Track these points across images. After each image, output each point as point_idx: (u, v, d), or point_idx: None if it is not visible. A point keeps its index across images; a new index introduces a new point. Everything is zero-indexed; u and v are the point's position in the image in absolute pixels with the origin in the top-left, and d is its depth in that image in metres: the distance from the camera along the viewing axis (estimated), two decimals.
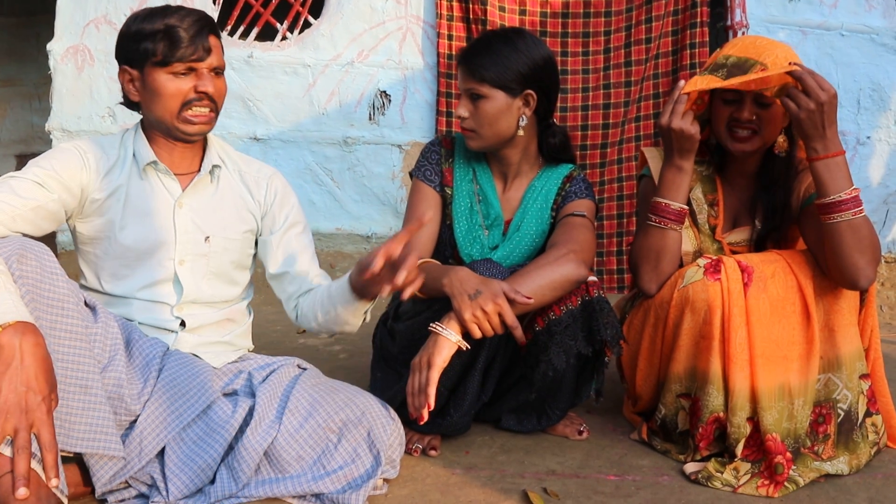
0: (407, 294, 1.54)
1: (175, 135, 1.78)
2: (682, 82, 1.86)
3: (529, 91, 1.96)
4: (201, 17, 1.74)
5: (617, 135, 4.10)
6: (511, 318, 1.67)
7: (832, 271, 1.82)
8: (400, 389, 1.89)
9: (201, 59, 1.72)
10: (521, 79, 1.93)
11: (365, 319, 1.83)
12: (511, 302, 1.69)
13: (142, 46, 1.70)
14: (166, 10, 1.73)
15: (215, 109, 1.78)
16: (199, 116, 1.75)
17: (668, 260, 1.93)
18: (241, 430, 1.64)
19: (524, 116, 1.98)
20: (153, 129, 1.80)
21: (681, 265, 1.97)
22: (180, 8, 1.74)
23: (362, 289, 1.69)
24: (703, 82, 1.84)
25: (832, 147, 1.76)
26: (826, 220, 1.79)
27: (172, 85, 1.71)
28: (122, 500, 1.57)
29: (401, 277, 1.51)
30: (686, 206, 1.93)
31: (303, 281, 1.91)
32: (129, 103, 1.82)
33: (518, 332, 1.69)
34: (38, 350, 1.31)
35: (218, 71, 1.78)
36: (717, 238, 2.01)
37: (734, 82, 1.79)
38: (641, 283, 1.96)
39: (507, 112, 1.95)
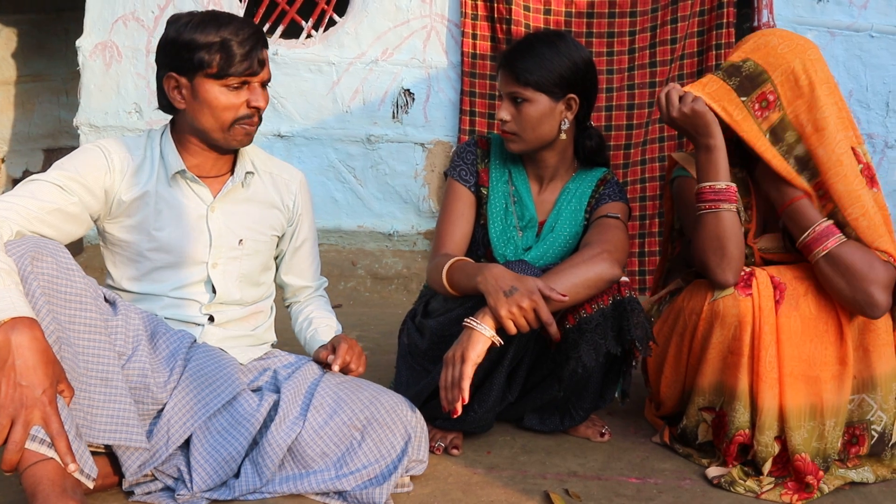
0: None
1: (219, 145, 1.79)
2: (671, 84, 1.90)
3: (572, 95, 1.97)
4: (255, 31, 1.74)
5: (641, 136, 4.11)
6: (547, 315, 1.69)
7: (843, 305, 1.83)
8: (428, 384, 1.91)
9: (255, 73, 1.73)
10: (564, 83, 1.94)
11: None
12: (546, 299, 1.70)
13: (196, 57, 1.69)
14: (219, 20, 1.72)
15: (261, 122, 1.81)
16: (249, 131, 1.78)
17: (733, 243, 1.82)
18: (266, 425, 1.66)
19: (566, 120, 1.99)
20: (191, 135, 1.80)
21: None
22: (232, 18, 1.73)
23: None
24: (705, 88, 1.88)
25: (789, 195, 1.85)
26: (812, 262, 1.82)
27: (225, 98, 1.72)
28: (149, 493, 1.60)
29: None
30: (732, 184, 1.85)
31: (297, 294, 2.09)
32: (167, 108, 1.82)
33: (553, 328, 1.70)
34: (35, 344, 1.32)
35: (266, 84, 1.79)
36: (748, 243, 1.97)
37: (720, 113, 1.85)
38: (715, 277, 1.84)
39: (550, 116, 1.96)
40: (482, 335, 1.69)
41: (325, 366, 1.83)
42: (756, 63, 1.85)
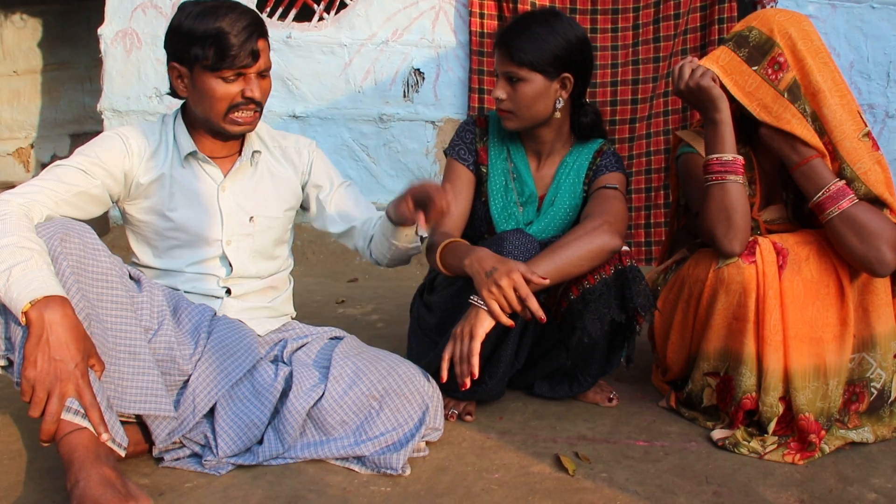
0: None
1: (220, 133, 1.83)
2: (688, 57, 1.93)
3: (567, 74, 1.97)
4: (251, 21, 1.74)
5: (646, 110, 4.12)
6: (524, 291, 1.70)
7: (851, 263, 1.86)
8: (436, 356, 1.93)
9: (249, 65, 1.74)
10: (558, 62, 1.95)
11: (419, 241, 1.96)
12: (528, 281, 1.71)
13: (192, 50, 1.71)
14: (217, 12, 1.72)
15: (260, 110, 1.82)
16: (245, 118, 1.79)
17: (740, 214, 1.84)
18: (285, 394, 1.72)
19: (561, 98, 1.99)
20: (197, 121, 1.84)
21: None
22: (232, 8, 1.74)
23: (399, 221, 1.82)
24: (718, 61, 1.91)
25: (803, 154, 1.86)
26: (825, 220, 1.84)
27: (221, 89, 1.74)
28: (178, 459, 1.67)
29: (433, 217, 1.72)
30: (739, 157, 1.87)
31: (366, 230, 2.00)
32: (175, 94, 1.85)
33: (532, 303, 1.70)
34: (66, 320, 1.38)
35: (264, 73, 1.80)
36: (753, 216, 1.98)
37: (731, 87, 1.88)
38: (723, 247, 1.85)
39: (544, 95, 1.97)
40: (488, 313, 1.72)
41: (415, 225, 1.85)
42: (761, 31, 1.88)
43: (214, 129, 1.82)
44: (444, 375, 1.76)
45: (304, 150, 2.01)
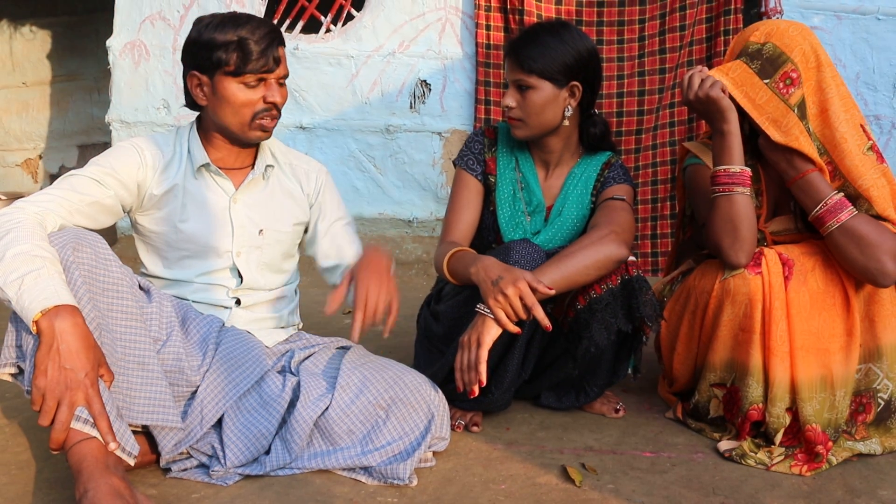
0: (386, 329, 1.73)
1: (240, 140, 1.84)
2: (698, 67, 1.93)
3: (575, 83, 1.99)
4: (271, 29, 1.78)
5: (651, 121, 4.13)
6: (530, 300, 1.70)
7: (853, 275, 1.87)
8: (442, 365, 1.95)
9: (271, 70, 1.77)
10: (567, 71, 1.97)
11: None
12: (534, 290, 1.72)
13: (214, 56, 1.74)
14: (237, 21, 1.76)
15: (279, 116, 1.85)
16: (267, 125, 1.81)
17: (746, 226, 1.84)
18: (293, 404, 1.72)
19: (569, 107, 2.01)
20: (214, 130, 1.85)
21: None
22: (250, 18, 1.78)
23: None
24: (729, 73, 1.90)
25: (800, 168, 1.86)
26: (825, 233, 1.85)
27: (243, 95, 1.76)
28: (185, 469, 1.67)
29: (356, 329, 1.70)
30: (747, 168, 1.87)
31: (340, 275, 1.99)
32: (192, 105, 1.87)
33: (538, 312, 1.71)
34: (77, 329, 1.39)
35: (283, 80, 1.83)
36: (760, 228, 1.98)
37: (741, 100, 1.88)
38: (729, 258, 1.86)
39: (553, 103, 1.99)
40: (495, 321, 1.74)
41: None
42: (775, 45, 1.88)
43: (234, 137, 1.84)
44: (461, 385, 1.77)
45: (314, 174, 2.02)
